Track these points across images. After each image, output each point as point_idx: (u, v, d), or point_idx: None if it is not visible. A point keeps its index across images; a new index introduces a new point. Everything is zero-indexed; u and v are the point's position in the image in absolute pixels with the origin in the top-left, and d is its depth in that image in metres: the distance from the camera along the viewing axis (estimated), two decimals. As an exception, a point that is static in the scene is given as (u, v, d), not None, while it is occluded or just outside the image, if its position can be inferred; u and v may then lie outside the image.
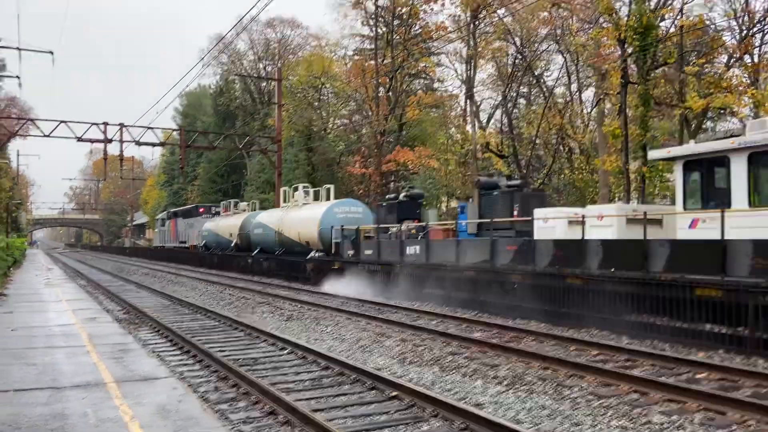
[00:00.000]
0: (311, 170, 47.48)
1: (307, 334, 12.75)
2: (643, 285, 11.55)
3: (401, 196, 23.25)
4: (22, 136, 45.11)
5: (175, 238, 50.14)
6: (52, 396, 6.72)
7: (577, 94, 36.15)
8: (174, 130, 45.62)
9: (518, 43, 34.50)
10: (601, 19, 27.07)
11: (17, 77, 33.83)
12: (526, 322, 13.42)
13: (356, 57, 48.80)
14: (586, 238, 13.18)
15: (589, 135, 35.68)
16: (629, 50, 22.71)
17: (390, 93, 42.37)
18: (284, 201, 30.53)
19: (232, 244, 34.44)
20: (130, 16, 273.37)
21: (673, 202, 15.47)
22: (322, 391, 8.08)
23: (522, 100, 42.39)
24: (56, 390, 6.97)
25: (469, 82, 38.70)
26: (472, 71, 38.74)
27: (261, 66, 65.16)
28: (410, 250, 18.65)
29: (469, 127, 42.56)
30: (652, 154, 14.70)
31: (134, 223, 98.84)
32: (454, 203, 47.54)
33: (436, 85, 50.44)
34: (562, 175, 35.32)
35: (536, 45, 35.18)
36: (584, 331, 12.14)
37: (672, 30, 24.49)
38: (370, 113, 42.19)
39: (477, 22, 35.71)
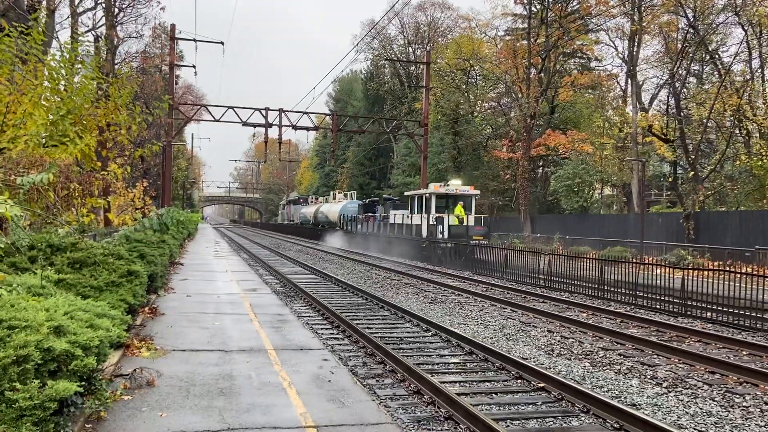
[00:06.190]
0: (457, 154, 47.11)
1: (451, 318, 12.79)
2: (412, 241, 29.55)
3: (367, 200, 43.32)
4: (196, 121, 49.93)
5: (289, 217, 75.92)
6: (221, 358, 7.37)
7: (759, 71, 32.13)
8: (327, 114, 47.65)
9: (690, 15, 31.35)
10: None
11: (193, 66, 37.18)
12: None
13: (507, 37, 47.39)
14: (399, 222, 32.13)
15: (772, 116, 31.64)
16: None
17: (542, 74, 40.73)
18: (333, 199, 55.12)
19: (311, 222, 58.40)
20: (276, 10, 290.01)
21: None
22: (467, 375, 8.08)
23: (692, 79, 38.62)
24: (225, 353, 7.64)
25: (631, 60, 36.13)
26: (635, 48, 36.09)
27: (410, 50, 65.80)
28: (359, 226, 39.90)
29: (629, 109, 39.79)
30: (407, 192, 32.82)
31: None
32: (608, 191, 44.78)
33: (593, 64, 47.68)
34: (737, 162, 31.70)
35: (711, 17, 31.75)
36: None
37: None
38: (519, 95, 40.89)
39: (642, -5, 33.06)
